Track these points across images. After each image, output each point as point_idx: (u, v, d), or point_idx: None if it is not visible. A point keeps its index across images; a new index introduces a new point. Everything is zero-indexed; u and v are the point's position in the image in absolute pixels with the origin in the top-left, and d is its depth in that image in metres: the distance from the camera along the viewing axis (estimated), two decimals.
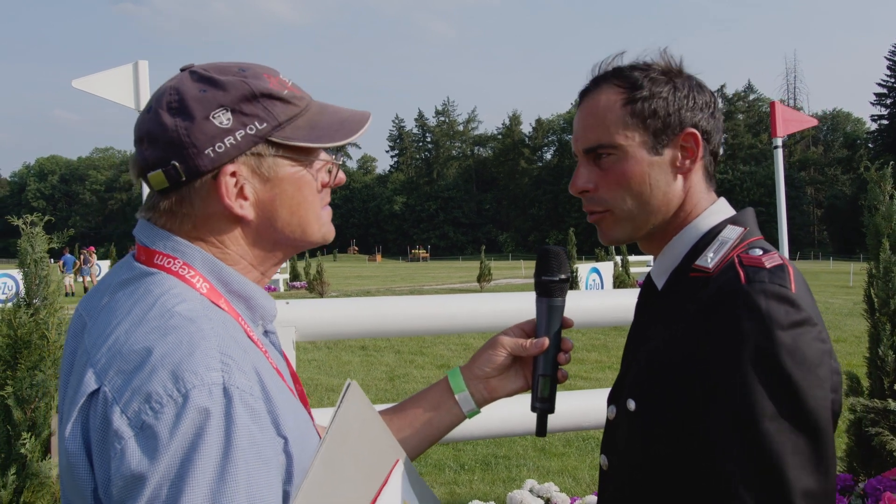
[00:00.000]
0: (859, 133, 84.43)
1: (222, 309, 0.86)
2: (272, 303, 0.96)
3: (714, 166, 1.14)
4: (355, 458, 0.90)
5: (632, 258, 24.11)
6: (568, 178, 1.16)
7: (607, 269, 20.04)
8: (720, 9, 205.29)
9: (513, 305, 2.90)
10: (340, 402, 0.90)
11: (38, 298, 2.37)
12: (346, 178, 1.02)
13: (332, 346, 10.96)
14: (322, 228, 0.97)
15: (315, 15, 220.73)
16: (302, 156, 0.92)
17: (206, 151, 0.85)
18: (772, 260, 0.98)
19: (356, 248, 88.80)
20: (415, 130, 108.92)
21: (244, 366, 0.79)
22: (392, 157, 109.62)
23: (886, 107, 77.13)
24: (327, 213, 0.99)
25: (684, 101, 1.08)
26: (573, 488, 4.69)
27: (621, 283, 20.11)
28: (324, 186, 0.97)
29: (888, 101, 77.12)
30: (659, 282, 1.13)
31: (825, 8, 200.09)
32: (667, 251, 1.12)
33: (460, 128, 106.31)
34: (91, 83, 3.30)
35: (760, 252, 1.01)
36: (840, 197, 75.52)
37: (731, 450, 0.90)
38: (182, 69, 0.92)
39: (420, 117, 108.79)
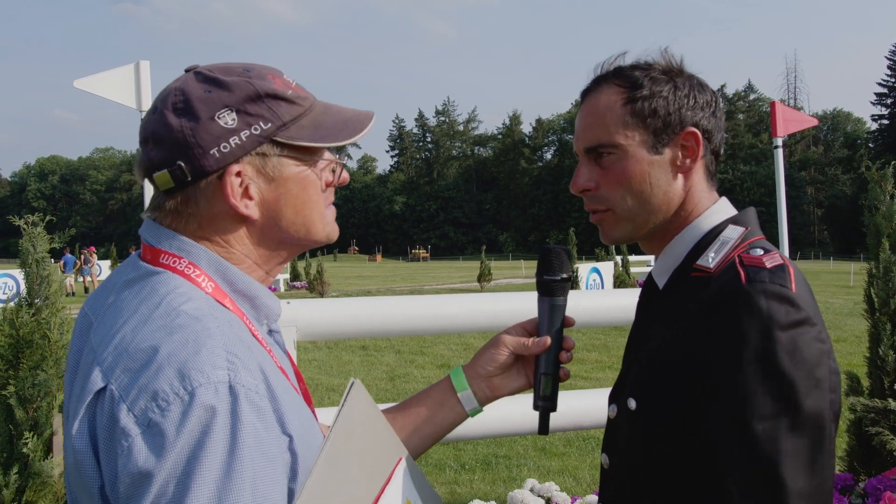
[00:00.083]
0: (860, 133, 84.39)
1: (227, 308, 0.87)
2: (277, 302, 0.97)
3: (715, 166, 1.14)
4: (359, 456, 0.90)
5: (632, 258, 24.11)
6: (568, 178, 1.17)
7: (607, 268, 20.04)
8: (720, 9, 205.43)
9: (513, 305, 2.90)
10: (344, 400, 0.91)
11: (39, 298, 2.38)
12: (349, 178, 1.03)
13: (333, 345, 10.96)
14: (326, 227, 0.98)
15: (315, 15, 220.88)
16: (306, 155, 0.93)
17: (211, 152, 0.86)
18: (772, 260, 0.99)
19: (356, 248, 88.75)
20: (415, 130, 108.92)
21: (249, 364, 0.79)
22: (392, 157, 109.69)
23: (887, 106, 77.09)
24: (331, 212, 1.00)
25: (685, 100, 1.08)
26: (574, 488, 4.69)
27: (621, 282, 20.11)
28: (328, 186, 0.97)
29: (888, 101, 77.08)
30: (660, 281, 1.13)
31: (825, 8, 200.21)
32: (668, 251, 1.12)
33: (460, 128, 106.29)
34: (93, 83, 3.30)
35: (761, 252, 1.01)
36: (840, 197, 75.51)
37: (729, 449, 0.91)
38: (187, 70, 0.93)
39: (420, 117, 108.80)
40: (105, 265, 30.88)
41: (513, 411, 2.83)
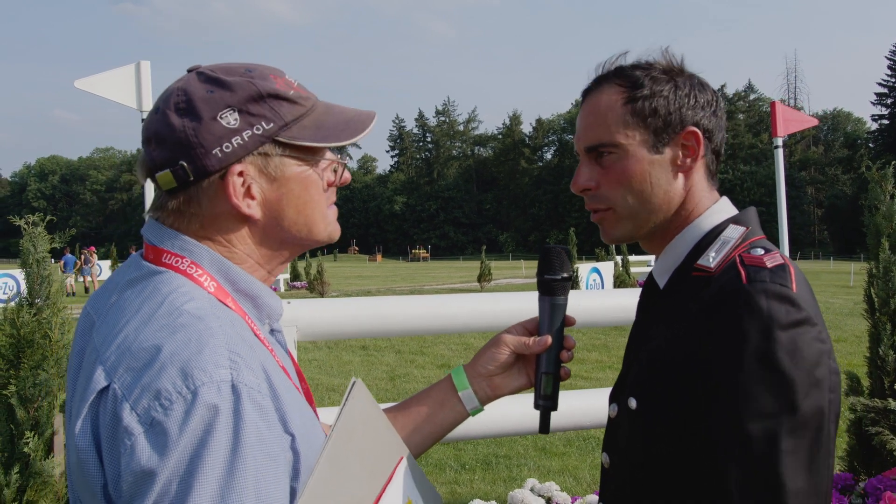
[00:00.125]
0: (860, 133, 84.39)
1: (229, 307, 0.87)
2: (278, 302, 0.97)
3: (716, 165, 1.14)
4: (360, 455, 0.91)
5: (632, 258, 24.12)
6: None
7: (608, 268, 20.05)
8: (720, 9, 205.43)
9: (513, 305, 2.91)
10: (346, 399, 0.91)
11: (40, 298, 2.38)
12: (351, 178, 1.03)
13: (333, 345, 10.97)
14: (328, 227, 0.98)
15: (315, 15, 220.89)
16: (308, 155, 0.93)
17: (213, 151, 0.86)
18: (773, 259, 0.99)
19: (356, 248, 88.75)
20: (415, 130, 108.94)
21: (252, 363, 0.79)
22: (392, 157, 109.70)
23: (887, 106, 77.09)
24: (333, 212, 1.00)
25: (685, 99, 1.08)
26: (574, 488, 4.69)
27: (622, 282, 20.11)
28: (329, 185, 0.98)
29: (889, 101, 77.08)
30: (661, 281, 1.13)
31: (825, 8, 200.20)
32: (669, 250, 1.12)
33: (460, 128, 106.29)
34: (93, 83, 3.30)
35: (762, 251, 1.01)
36: (841, 197, 75.51)
37: (729, 448, 0.91)
38: (189, 70, 0.93)
39: (420, 117, 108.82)
40: (105, 265, 30.87)
41: (513, 411, 2.83)
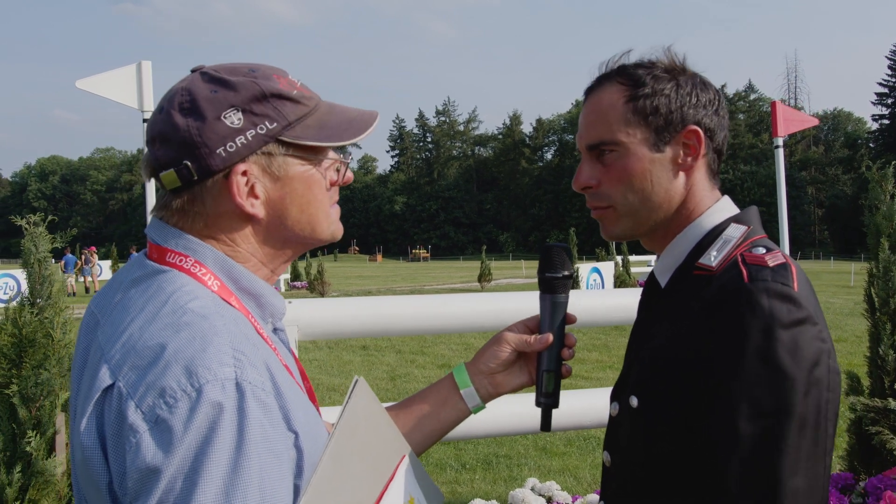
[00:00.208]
0: (860, 133, 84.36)
1: (233, 306, 0.88)
2: (281, 300, 0.98)
3: (718, 164, 1.14)
4: (363, 453, 0.91)
5: (632, 258, 24.12)
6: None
7: (608, 268, 20.06)
8: (720, 9, 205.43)
9: (513, 305, 2.91)
10: (348, 398, 0.92)
11: (41, 298, 2.38)
12: (353, 177, 1.04)
13: (333, 345, 10.97)
14: (331, 226, 0.99)
15: (315, 15, 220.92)
16: (311, 155, 0.94)
17: (217, 151, 0.87)
18: (775, 258, 0.99)
19: (357, 249, 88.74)
20: (415, 130, 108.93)
21: (256, 362, 0.80)
22: (393, 157, 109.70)
23: (887, 106, 77.06)
24: (336, 211, 1.01)
25: (687, 98, 1.08)
26: (574, 487, 4.70)
27: (622, 282, 20.11)
28: (332, 185, 0.98)
29: (889, 101, 77.06)
30: (662, 279, 1.14)
31: (825, 8, 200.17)
32: (670, 249, 1.12)
33: (461, 128, 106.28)
34: (94, 83, 3.31)
35: (763, 250, 1.01)
36: (841, 197, 75.48)
37: (729, 446, 0.91)
38: (193, 70, 0.93)
39: (420, 117, 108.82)
40: (106, 265, 30.87)
41: (513, 410, 2.84)
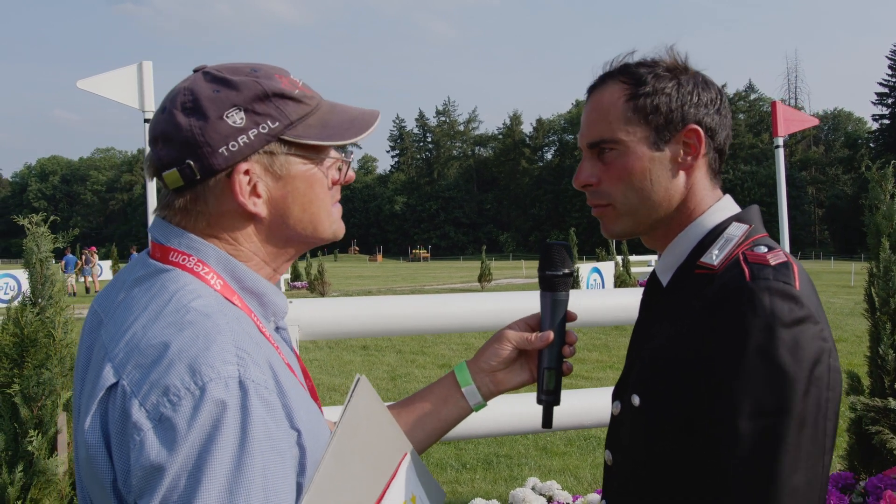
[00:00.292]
0: (860, 132, 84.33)
1: (235, 305, 0.88)
2: (284, 299, 0.98)
3: (719, 163, 1.14)
4: (365, 451, 0.91)
5: (632, 258, 24.11)
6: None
7: (608, 268, 20.07)
8: (721, 8, 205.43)
9: (513, 305, 2.91)
10: (350, 396, 0.92)
11: (43, 297, 2.39)
12: (355, 176, 1.04)
13: (334, 345, 10.98)
14: (333, 225, 0.99)
15: (315, 15, 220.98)
16: (313, 154, 0.94)
17: (220, 150, 0.87)
18: (776, 257, 0.99)
19: (357, 249, 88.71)
20: (415, 130, 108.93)
21: (258, 360, 0.80)
22: (393, 157, 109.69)
23: (888, 106, 77.02)
24: (337, 209, 1.01)
25: (688, 97, 1.08)
26: (575, 487, 4.70)
27: (622, 282, 20.11)
28: (334, 184, 0.98)
29: (889, 101, 77.03)
30: (664, 278, 1.14)
31: (826, 7, 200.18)
32: (671, 248, 1.13)
33: (461, 128, 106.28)
34: (95, 84, 3.31)
35: (765, 249, 1.01)
36: (841, 196, 75.46)
37: (729, 444, 0.92)
38: (195, 70, 0.94)
39: (420, 117, 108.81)
40: (106, 265, 30.87)
41: (514, 410, 2.84)
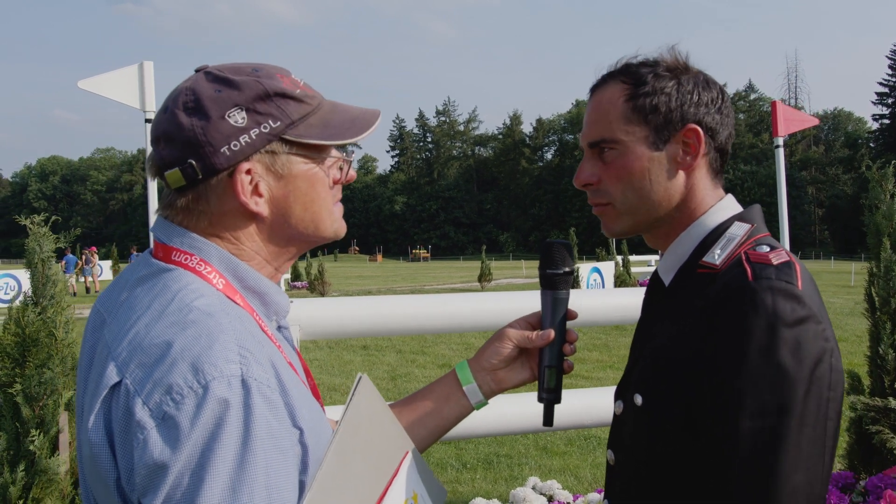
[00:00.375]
0: (860, 132, 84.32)
1: (238, 304, 0.88)
2: (286, 299, 0.98)
3: (721, 163, 1.14)
4: (367, 449, 0.92)
5: (632, 258, 24.13)
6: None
7: (608, 268, 20.08)
8: (721, 8, 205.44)
9: (513, 305, 2.91)
10: (352, 394, 0.92)
11: (44, 297, 2.39)
12: (356, 175, 1.04)
13: (334, 345, 10.98)
14: (334, 224, 0.99)
15: (315, 15, 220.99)
16: (314, 153, 0.94)
17: (222, 150, 0.87)
18: (779, 257, 0.99)
19: (357, 249, 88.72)
20: (415, 130, 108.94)
21: (261, 359, 0.80)
22: (393, 157, 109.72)
23: (888, 106, 77.05)
24: (339, 209, 1.01)
25: (687, 96, 1.08)
26: (575, 486, 4.70)
27: (622, 282, 20.12)
28: (335, 183, 0.99)
29: (889, 101, 77.04)
30: (666, 278, 1.14)
31: (826, 7, 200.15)
32: (674, 247, 1.13)
33: (461, 128, 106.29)
34: (96, 84, 3.32)
35: (768, 249, 1.02)
36: (841, 196, 75.47)
37: (731, 444, 0.92)
38: (197, 70, 0.94)
39: (420, 117, 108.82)
40: (106, 265, 30.88)
41: (514, 410, 2.84)
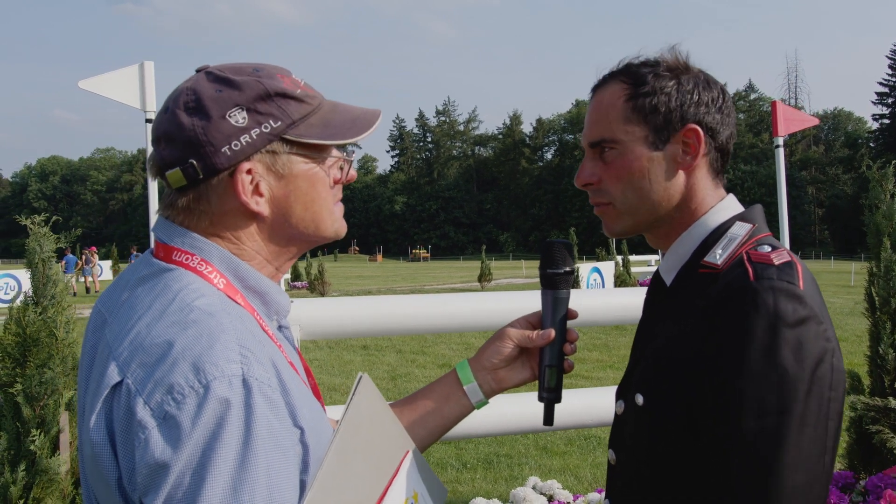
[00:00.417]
0: (860, 132, 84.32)
1: (238, 304, 0.88)
2: (286, 298, 0.98)
3: (722, 163, 1.13)
4: (367, 448, 0.92)
5: (632, 258, 24.15)
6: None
7: (608, 268, 20.09)
8: (721, 8, 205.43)
9: (513, 305, 2.91)
10: (352, 394, 0.92)
11: (45, 297, 2.39)
12: (356, 175, 1.04)
13: (334, 345, 10.98)
14: (335, 224, 0.99)
15: (316, 15, 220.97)
16: (315, 153, 0.94)
17: (222, 150, 0.87)
18: (780, 257, 0.99)
19: (357, 249, 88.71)
20: (415, 130, 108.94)
21: (262, 358, 0.81)
22: (393, 157, 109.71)
23: (888, 106, 77.05)
24: (339, 208, 1.01)
25: (688, 96, 1.08)
26: (575, 486, 4.70)
27: (622, 282, 20.13)
28: (336, 183, 0.99)
29: (890, 101, 77.05)
30: (668, 278, 1.14)
31: (826, 7, 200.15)
32: (675, 247, 1.13)
33: (461, 128, 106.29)
34: (97, 84, 3.32)
35: (769, 249, 1.02)
36: (841, 196, 75.48)
37: (732, 444, 0.92)
38: (197, 70, 0.94)
39: (420, 117, 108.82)
40: (106, 265, 30.88)
41: (514, 410, 2.85)
